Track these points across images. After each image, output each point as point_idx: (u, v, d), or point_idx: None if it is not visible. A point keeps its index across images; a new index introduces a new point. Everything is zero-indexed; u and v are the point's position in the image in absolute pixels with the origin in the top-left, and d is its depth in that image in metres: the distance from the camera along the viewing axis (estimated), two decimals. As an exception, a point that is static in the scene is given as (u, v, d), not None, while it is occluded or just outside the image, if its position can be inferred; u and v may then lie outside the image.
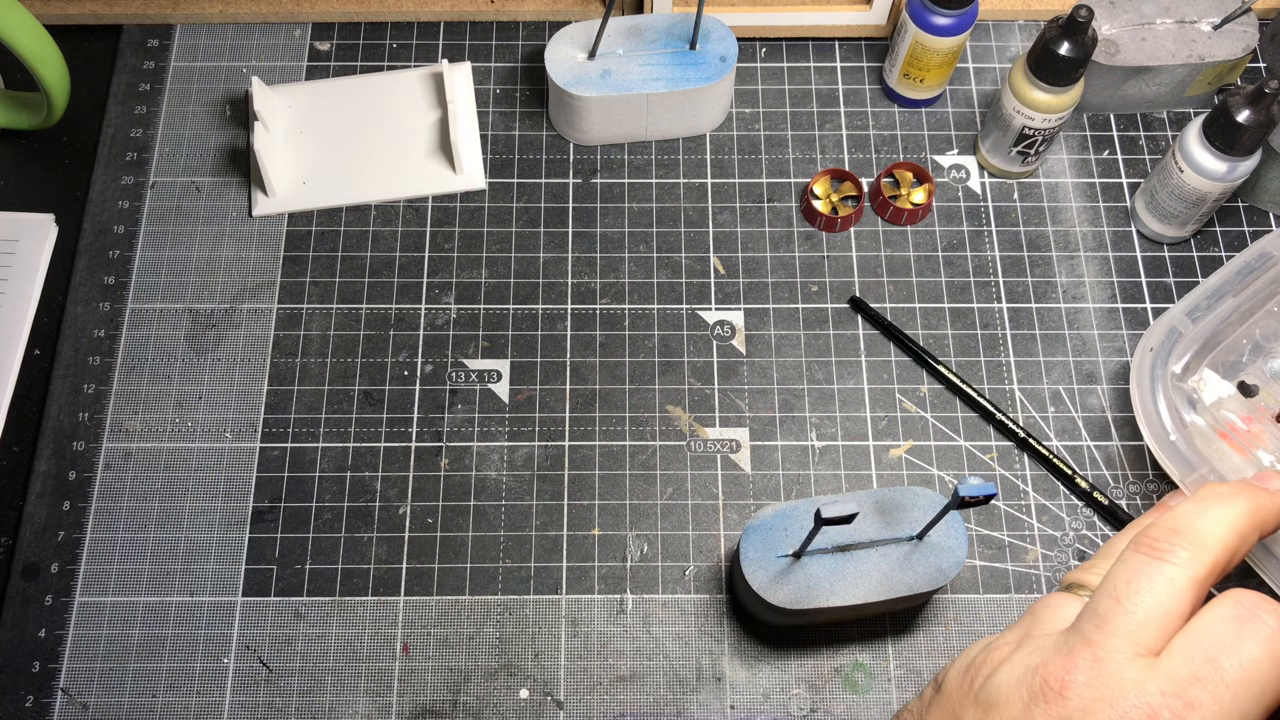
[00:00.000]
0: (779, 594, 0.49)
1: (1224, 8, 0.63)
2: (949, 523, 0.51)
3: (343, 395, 0.60)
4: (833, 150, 0.66)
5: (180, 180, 0.65)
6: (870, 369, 0.60)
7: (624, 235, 0.64)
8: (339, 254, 0.63)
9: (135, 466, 0.58)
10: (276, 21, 0.69)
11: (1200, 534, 0.36)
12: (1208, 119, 0.57)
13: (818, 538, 0.50)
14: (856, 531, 0.50)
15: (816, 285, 0.63)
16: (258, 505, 0.57)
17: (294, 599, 0.55)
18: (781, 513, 0.51)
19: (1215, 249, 0.64)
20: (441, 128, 0.66)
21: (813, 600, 0.49)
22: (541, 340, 0.61)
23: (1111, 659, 0.34)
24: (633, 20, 0.64)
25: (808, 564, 0.50)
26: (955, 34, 0.61)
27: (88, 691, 0.53)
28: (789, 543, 0.50)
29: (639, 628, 0.55)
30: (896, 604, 0.52)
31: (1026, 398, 0.60)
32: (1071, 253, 0.63)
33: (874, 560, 0.50)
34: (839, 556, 0.50)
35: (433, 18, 0.69)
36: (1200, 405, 0.56)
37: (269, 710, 0.53)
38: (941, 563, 0.50)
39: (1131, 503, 0.57)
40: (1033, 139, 0.61)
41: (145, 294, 0.62)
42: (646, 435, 0.59)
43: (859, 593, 0.49)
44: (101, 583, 0.55)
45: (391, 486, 0.58)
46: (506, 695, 0.53)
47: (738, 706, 0.53)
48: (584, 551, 0.56)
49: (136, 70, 0.68)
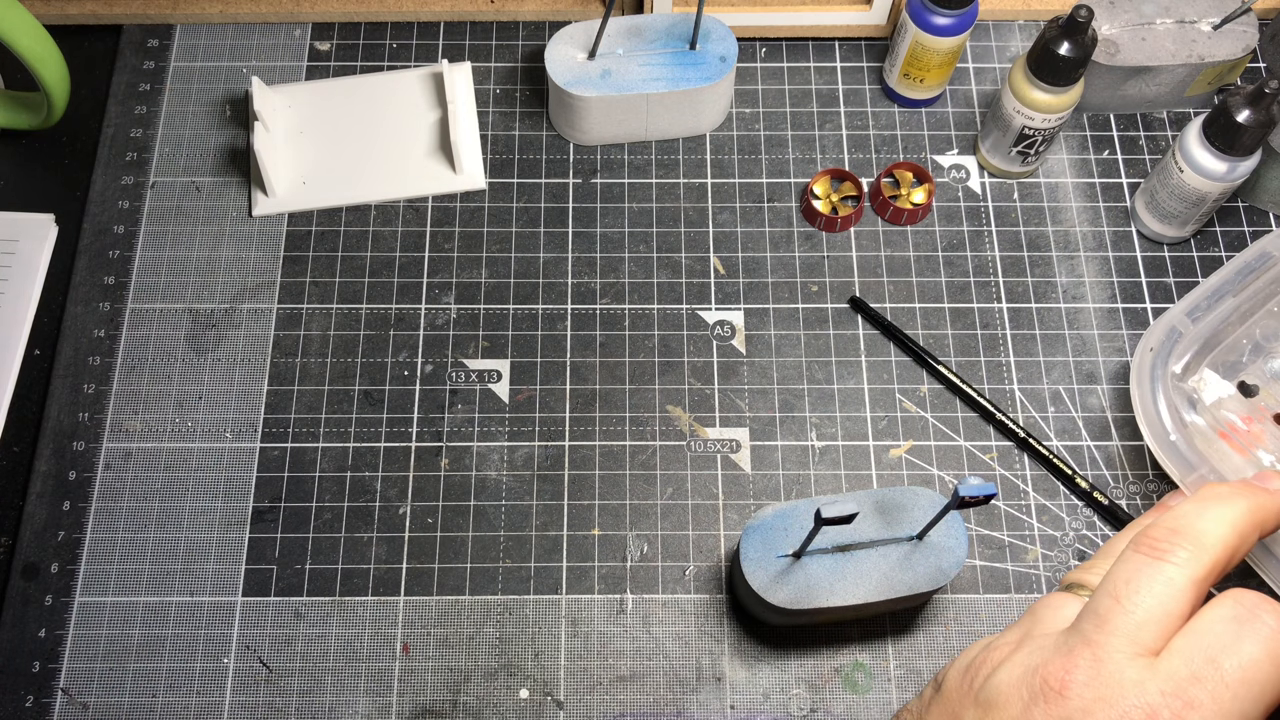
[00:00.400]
0: (779, 594, 0.49)
1: (1224, 8, 0.63)
2: (949, 523, 0.51)
3: (343, 395, 0.60)
4: (833, 150, 0.66)
5: (180, 180, 0.65)
6: (870, 369, 0.60)
7: (624, 235, 0.64)
8: (339, 254, 0.63)
9: (135, 466, 0.58)
10: (276, 21, 0.69)
11: (1200, 534, 0.36)
12: (1208, 119, 0.57)
13: (818, 538, 0.50)
14: (856, 531, 0.50)
15: (816, 285, 0.63)
16: (258, 505, 0.57)
17: (294, 599, 0.55)
18: (781, 513, 0.51)
19: (1215, 249, 0.64)
20: (441, 128, 0.66)
21: (813, 600, 0.49)
22: (541, 340, 0.61)
23: (1111, 659, 0.34)
24: (633, 20, 0.64)
25: (808, 564, 0.50)
26: (955, 34, 0.61)
27: (88, 691, 0.53)
28: (789, 543, 0.50)
29: (639, 628, 0.55)
30: (896, 604, 0.52)
31: (1026, 398, 0.60)
32: (1071, 253, 0.63)
33: (874, 560, 0.50)
34: (839, 556, 0.50)
35: (433, 18, 0.69)
36: (1200, 405, 0.56)
37: (269, 710, 0.53)
38: (941, 563, 0.50)
39: (1131, 503, 0.57)
40: (1033, 139, 0.61)
41: (145, 294, 0.62)
42: (646, 435, 0.59)
43: (859, 593, 0.49)
44: (101, 583, 0.55)
45: (391, 486, 0.58)
46: (506, 695, 0.53)
47: (738, 706, 0.53)
48: (584, 551, 0.56)
49: (136, 70, 0.68)
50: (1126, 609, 0.35)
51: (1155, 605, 0.35)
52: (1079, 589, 0.40)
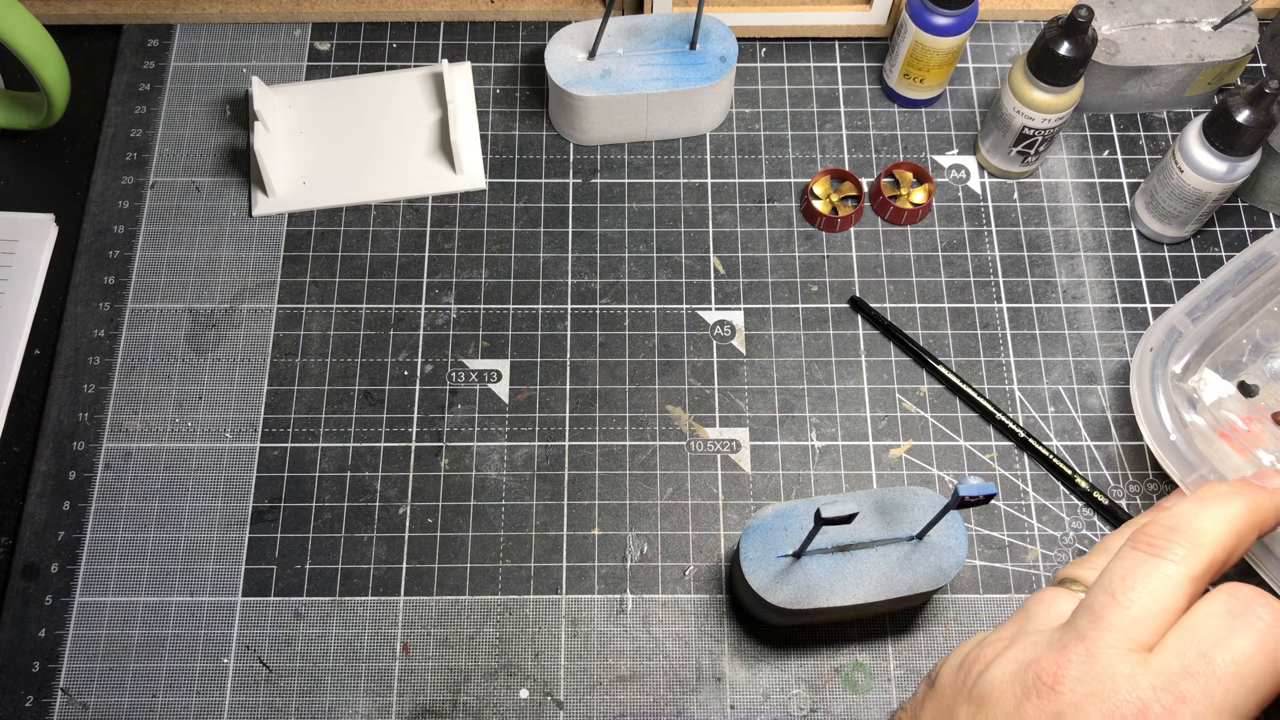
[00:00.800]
0: (779, 594, 0.49)
1: (1224, 8, 0.63)
2: (949, 523, 0.51)
3: (343, 395, 0.60)
4: (833, 150, 0.66)
5: (180, 180, 0.65)
6: (870, 369, 0.60)
7: (624, 235, 0.64)
8: (339, 254, 0.63)
9: (135, 466, 0.58)
10: (276, 21, 0.69)
11: (1198, 532, 0.36)
12: (1208, 119, 0.57)
13: (818, 538, 0.49)
14: (856, 531, 0.50)
15: (816, 285, 0.63)
16: (258, 505, 0.57)
17: (294, 599, 0.55)
18: (781, 513, 0.51)
19: (1215, 249, 0.63)
20: (441, 128, 0.66)
21: (813, 600, 0.49)
22: (541, 340, 0.61)
23: (1105, 654, 0.34)
24: (633, 20, 0.64)
25: (808, 564, 0.50)
26: (955, 34, 0.61)
27: (88, 691, 0.53)
28: (789, 543, 0.50)
29: (639, 628, 0.55)
30: (896, 604, 0.52)
31: (1026, 398, 0.60)
32: (1071, 253, 0.63)
33: (874, 560, 0.50)
34: (839, 556, 0.50)
35: (433, 18, 0.69)
36: (1200, 405, 0.56)
37: (269, 710, 0.53)
38: (941, 563, 0.50)
39: (1131, 503, 0.57)
40: (1033, 139, 0.61)
41: (145, 294, 0.62)
42: (646, 435, 0.59)
43: (859, 593, 0.49)
44: (101, 583, 0.55)
45: (391, 486, 0.58)
46: (506, 695, 0.53)
47: (738, 706, 0.53)
48: (584, 551, 0.56)
49: (136, 70, 0.68)
50: (1122, 605, 0.35)
51: (1151, 602, 0.35)
52: (1073, 585, 0.40)
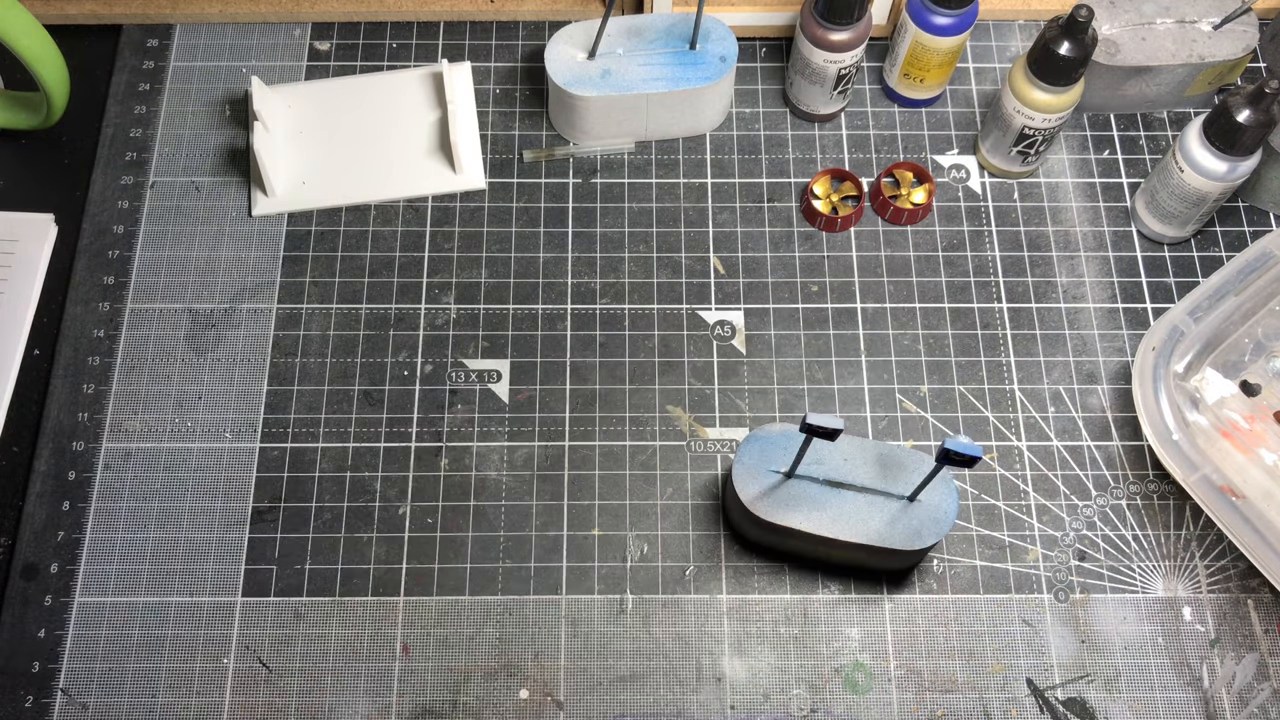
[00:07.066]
0: (761, 504, 0.51)
1: (1224, 8, 0.63)
2: (943, 494, 0.51)
3: (343, 395, 0.60)
4: (833, 150, 0.66)
5: (180, 180, 0.65)
6: (870, 369, 0.60)
7: (624, 235, 0.64)
8: (339, 254, 0.63)
9: (135, 466, 0.58)
10: (276, 21, 0.69)
11: None
12: (1208, 119, 0.57)
13: (814, 466, 0.51)
14: (852, 473, 0.51)
15: (816, 285, 0.63)
16: (257, 505, 0.57)
17: (294, 599, 0.55)
18: (788, 433, 0.52)
19: (1215, 249, 0.63)
20: (441, 128, 0.66)
21: (788, 519, 0.50)
22: (541, 340, 0.61)
23: None
24: (633, 20, 0.64)
25: (796, 486, 0.51)
26: (955, 34, 0.61)
27: (88, 691, 0.53)
28: (785, 461, 0.52)
29: (639, 628, 0.55)
30: (874, 557, 0.52)
31: (1026, 398, 0.60)
32: (1071, 253, 0.63)
33: (860, 505, 0.51)
34: (828, 490, 0.51)
35: (433, 18, 0.69)
36: (1202, 404, 0.56)
37: (269, 710, 0.53)
38: (922, 529, 0.51)
39: (1132, 503, 0.57)
40: (1033, 139, 0.61)
41: (145, 294, 0.62)
42: (646, 435, 0.59)
43: (834, 528, 0.50)
44: (101, 583, 0.55)
45: (391, 486, 0.57)
46: (506, 695, 0.53)
47: (738, 706, 0.53)
48: (584, 551, 0.56)
49: (136, 70, 0.68)
50: None
51: None
52: None
